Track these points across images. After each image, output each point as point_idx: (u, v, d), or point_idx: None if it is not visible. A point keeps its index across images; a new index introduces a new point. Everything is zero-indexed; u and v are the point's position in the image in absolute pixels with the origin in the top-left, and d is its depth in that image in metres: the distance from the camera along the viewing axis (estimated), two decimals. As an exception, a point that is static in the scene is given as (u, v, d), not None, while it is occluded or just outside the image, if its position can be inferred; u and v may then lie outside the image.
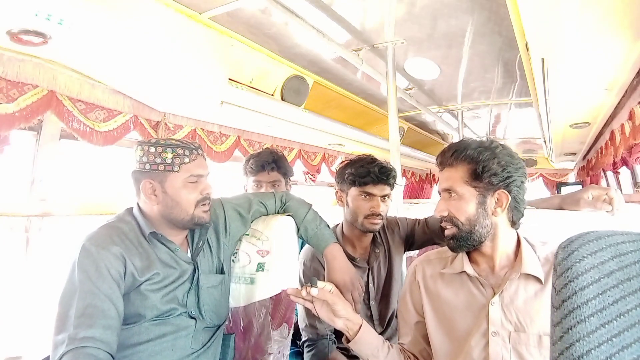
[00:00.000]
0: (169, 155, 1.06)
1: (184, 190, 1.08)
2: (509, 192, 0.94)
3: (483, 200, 0.94)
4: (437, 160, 1.03)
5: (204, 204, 1.12)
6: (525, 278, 0.93)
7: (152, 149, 1.06)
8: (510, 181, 0.94)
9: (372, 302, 1.50)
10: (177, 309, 1.07)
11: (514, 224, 0.98)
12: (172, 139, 1.11)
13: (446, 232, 0.99)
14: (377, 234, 1.54)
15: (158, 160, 1.06)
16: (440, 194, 1.01)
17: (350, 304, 1.03)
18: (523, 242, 0.98)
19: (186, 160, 1.08)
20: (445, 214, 0.98)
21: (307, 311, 1.40)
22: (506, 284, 0.93)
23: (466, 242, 0.96)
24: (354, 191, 1.45)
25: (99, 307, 0.93)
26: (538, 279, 0.92)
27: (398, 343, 1.09)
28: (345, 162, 1.52)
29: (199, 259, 1.15)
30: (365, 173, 1.41)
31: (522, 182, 0.96)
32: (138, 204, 1.13)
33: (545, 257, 0.96)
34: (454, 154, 0.97)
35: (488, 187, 0.94)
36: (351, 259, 1.44)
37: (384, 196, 1.45)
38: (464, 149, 0.96)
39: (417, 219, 1.58)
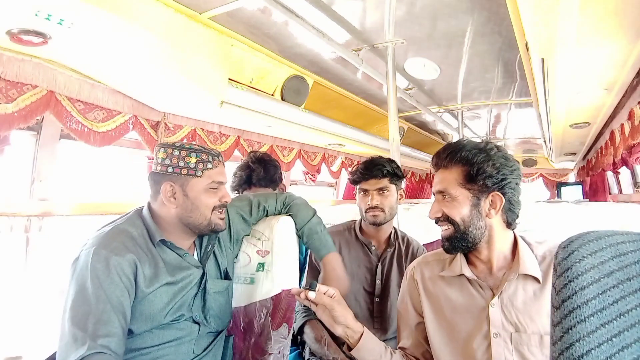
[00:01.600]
0: (193, 160, 1.06)
1: (204, 195, 1.08)
2: (504, 194, 0.94)
3: (477, 202, 0.94)
4: (432, 161, 1.02)
5: (220, 211, 1.12)
6: (523, 278, 0.93)
7: (176, 152, 1.06)
8: (504, 183, 0.93)
9: (375, 299, 1.52)
10: (184, 314, 1.07)
11: (509, 225, 0.98)
12: (193, 143, 1.11)
13: (443, 234, 0.99)
14: (393, 236, 1.60)
15: (181, 164, 1.05)
16: (434, 195, 1.01)
17: (349, 311, 1.00)
18: (520, 242, 0.98)
19: (209, 166, 1.08)
20: (439, 215, 0.97)
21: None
22: (505, 285, 0.93)
23: (461, 243, 0.96)
24: (357, 189, 1.58)
25: (111, 316, 0.92)
26: (536, 279, 0.92)
27: (399, 347, 1.09)
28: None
29: (207, 264, 1.15)
30: (355, 172, 1.55)
31: (516, 184, 0.96)
32: (149, 206, 1.11)
33: (542, 256, 0.95)
34: (449, 155, 0.97)
35: (482, 189, 0.93)
36: (368, 244, 1.56)
37: (379, 189, 1.51)
38: (459, 151, 0.95)
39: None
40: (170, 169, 1.06)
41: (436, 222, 1.00)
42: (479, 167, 0.92)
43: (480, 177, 0.92)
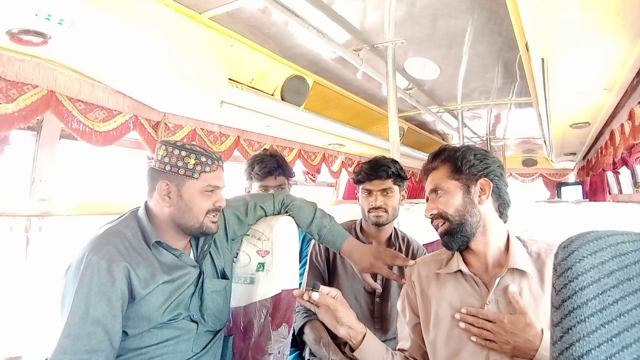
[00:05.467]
0: (192, 162, 1.06)
1: (199, 197, 1.08)
2: (490, 180, 0.99)
3: (467, 189, 0.99)
4: (420, 174, 1.09)
5: (214, 215, 1.11)
6: (519, 276, 0.94)
7: (176, 152, 1.06)
8: (489, 170, 0.99)
9: (376, 299, 1.52)
10: (181, 313, 1.07)
11: (501, 214, 1.01)
12: (194, 144, 1.10)
13: (439, 230, 1.01)
14: (394, 237, 1.61)
15: (180, 163, 1.05)
16: (427, 199, 1.05)
17: (352, 311, 1.01)
18: (512, 239, 1.00)
19: (207, 169, 1.08)
20: (435, 211, 1.00)
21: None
22: (497, 280, 0.94)
23: (459, 235, 0.97)
24: (360, 189, 1.57)
25: (87, 330, 0.91)
26: (531, 276, 0.93)
27: (398, 349, 1.09)
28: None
29: (204, 263, 1.15)
30: (360, 172, 1.54)
31: (501, 174, 1.01)
32: (146, 205, 1.11)
33: (537, 252, 0.97)
34: (435, 158, 1.05)
35: (469, 177, 0.99)
36: (369, 244, 1.54)
37: (383, 190, 1.51)
38: (442, 152, 1.04)
39: None
40: (168, 167, 1.06)
41: (432, 222, 1.03)
42: (462, 158, 1.00)
43: (465, 167, 0.99)
